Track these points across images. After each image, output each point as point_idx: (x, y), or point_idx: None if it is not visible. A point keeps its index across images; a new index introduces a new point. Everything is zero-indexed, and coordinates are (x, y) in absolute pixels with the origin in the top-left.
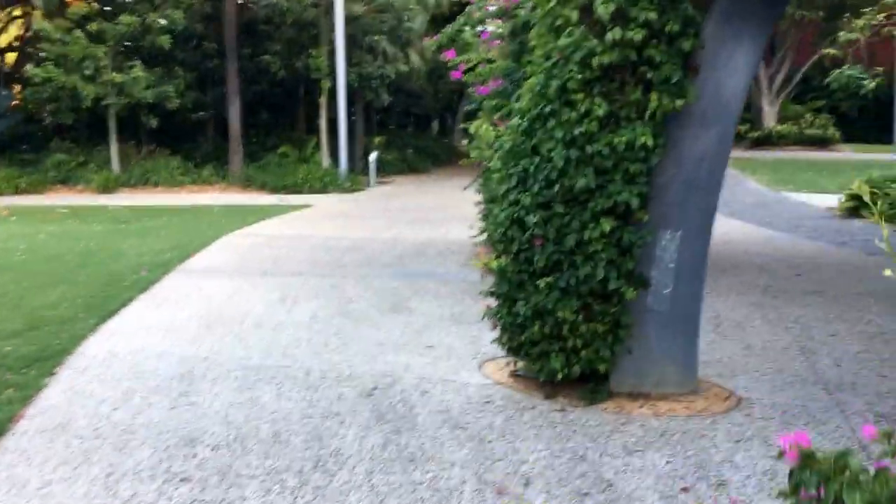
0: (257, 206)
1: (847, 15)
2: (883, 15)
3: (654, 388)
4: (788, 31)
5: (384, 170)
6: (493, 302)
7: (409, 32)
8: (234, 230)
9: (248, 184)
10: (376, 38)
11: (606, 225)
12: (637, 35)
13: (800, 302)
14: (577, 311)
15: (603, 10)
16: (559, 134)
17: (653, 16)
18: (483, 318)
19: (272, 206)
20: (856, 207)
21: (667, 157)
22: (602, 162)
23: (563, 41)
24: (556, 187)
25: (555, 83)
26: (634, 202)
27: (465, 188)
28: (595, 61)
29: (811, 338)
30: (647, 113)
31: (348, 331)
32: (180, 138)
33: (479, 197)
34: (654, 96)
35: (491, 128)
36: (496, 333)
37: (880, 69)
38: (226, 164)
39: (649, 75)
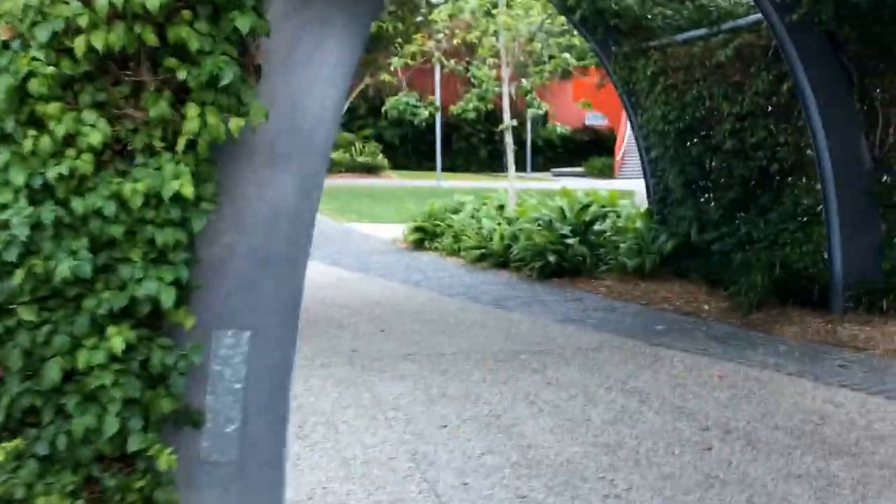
0: None
1: (399, 40)
2: (430, 43)
3: None
4: None
5: None
6: None
7: None
8: None
9: None
10: None
11: (118, 340)
12: None
13: (393, 372)
14: (75, 493)
15: None
16: (19, 178)
17: None
18: None
19: None
20: (421, 240)
21: (220, 215)
22: (104, 227)
23: (9, 4)
24: (19, 276)
25: (3, 82)
26: (167, 296)
27: None
28: (79, 43)
29: (420, 435)
30: (182, 140)
31: None
32: None
33: None
34: (191, 111)
35: None
36: None
37: (432, 98)
38: None
39: (183, 74)
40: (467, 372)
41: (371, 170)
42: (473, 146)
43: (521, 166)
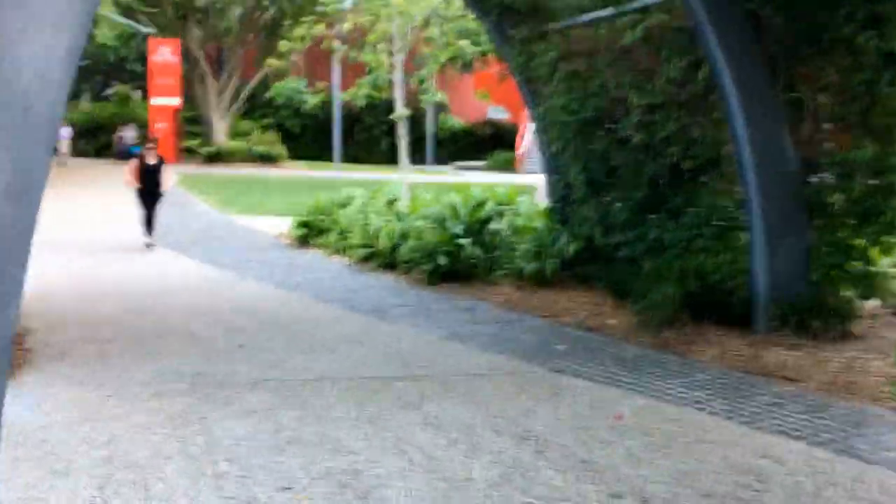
0: None
1: (288, 23)
2: (322, 25)
3: None
4: (235, 48)
5: None
6: None
7: None
8: None
9: None
10: None
11: None
12: None
13: (240, 405)
14: None
15: None
16: None
17: None
18: None
19: None
20: (306, 236)
21: None
22: None
23: None
24: None
25: None
26: None
27: None
28: None
29: (254, 501)
30: None
31: None
32: None
33: None
34: None
35: None
36: None
37: (322, 84)
38: None
39: None
40: (329, 406)
41: (268, 159)
42: (375, 137)
43: (422, 158)
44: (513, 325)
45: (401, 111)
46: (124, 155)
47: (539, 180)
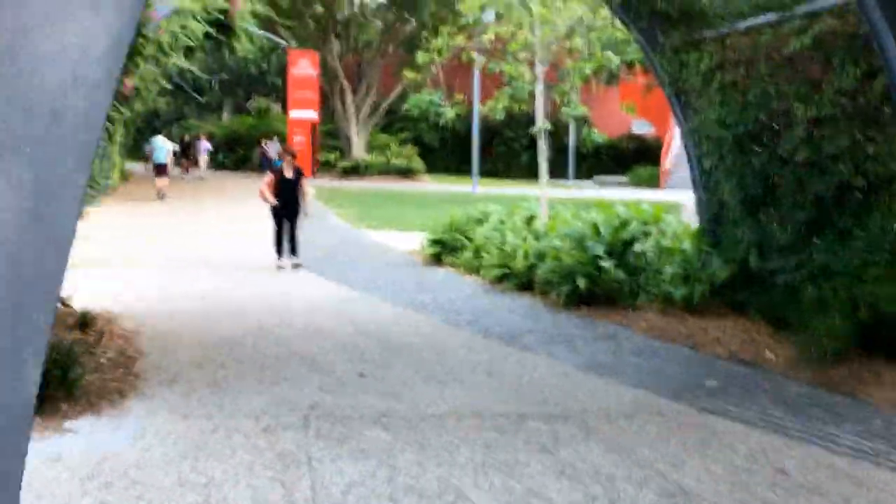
0: None
1: (427, 35)
2: (462, 37)
3: None
4: (374, 61)
5: None
6: None
7: None
8: None
9: None
10: None
11: None
12: None
13: (356, 443)
14: None
15: None
16: None
17: None
18: None
19: None
20: (439, 254)
21: None
22: None
23: None
24: None
25: None
26: None
27: None
28: None
29: None
30: None
31: None
32: None
33: None
34: None
35: None
36: None
37: (461, 97)
38: None
39: None
40: (453, 448)
41: (406, 173)
42: (514, 150)
43: (562, 173)
44: (658, 356)
45: (541, 124)
46: (267, 168)
47: (685, 197)
